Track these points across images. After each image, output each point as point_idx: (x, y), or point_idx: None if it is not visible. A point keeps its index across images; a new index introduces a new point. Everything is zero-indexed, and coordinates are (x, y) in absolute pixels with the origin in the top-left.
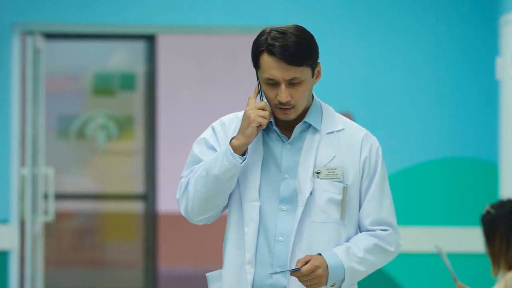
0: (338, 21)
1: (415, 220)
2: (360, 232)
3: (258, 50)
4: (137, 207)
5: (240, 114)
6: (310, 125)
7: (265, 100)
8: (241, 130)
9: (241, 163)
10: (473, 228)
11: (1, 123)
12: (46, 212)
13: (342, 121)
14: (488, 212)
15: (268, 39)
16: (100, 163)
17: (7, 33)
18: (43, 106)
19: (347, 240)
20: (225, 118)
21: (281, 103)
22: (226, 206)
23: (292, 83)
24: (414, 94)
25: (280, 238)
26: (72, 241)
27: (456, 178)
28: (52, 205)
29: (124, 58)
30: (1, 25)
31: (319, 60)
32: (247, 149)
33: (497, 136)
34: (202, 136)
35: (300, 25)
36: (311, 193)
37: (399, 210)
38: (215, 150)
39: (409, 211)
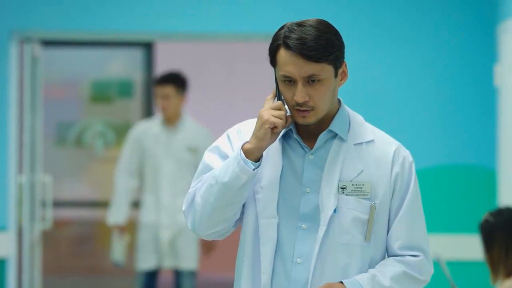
0: (338, 28)
1: None
2: (388, 256)
3: (274, 44)
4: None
5: None
6: (336, 135)
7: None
8: (254, 133)
9: (253, 169)
10: (471, 236)
11: None
12: (43, 220)
13: (372, 132)
14: (486, 220)
15: (286, 32)
16: (98, 170)
17: (4, 40)
18: (41, 113)
19: (372, 265)
20: (242, 125)
21: (298, 104)
22: (240, 221)
23: (310, 81)
24: (412, 101)
25: (298, 260)
26: (70, 249)
27: (455, 185)
28: (50, 213)
29: (122, 65)
30: None
31: (345, 60)
32: (262, 156)
33: (496, 143)
34: (215, 143)
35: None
36: (335, 211)
37: None
38: None
39: None
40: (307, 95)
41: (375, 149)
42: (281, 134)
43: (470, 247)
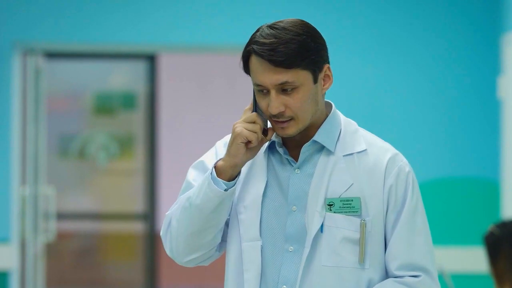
0: (340, 41)
1: None
2: (388, 277)
3: (246, 50)
4: (138, 226)
5: None
6: (324, 146)
7: (259, 113)
8: (227, 149)
9: (226, 190)
10: (475, 248)
11: (2, 142)
12: (47, 232)
13: (366, 140)
14: (491, 232)
15: (257, 36)
16: (101, 182)
17: (8, 52)
18: (44, 125)
19: None
20: (229, 136)
21: (274, 115)
22: (225, 244)
23: (284, 90)
24: (415, 113)
25: (283, 286)
26: (73, 261)
27: (458, 198)
28: (53, 225)
29: (125, 77)
30: (2, 43)
31: (327, 63)
32: (239, 173)
33: (499, 155)
34: (201, 158)
35: (304, 20)
36: (321, 230)
37: None
38: None
39: None
40: (283, 104)
41: (367, 160)
42: (265, 147)
43: (474, 260)
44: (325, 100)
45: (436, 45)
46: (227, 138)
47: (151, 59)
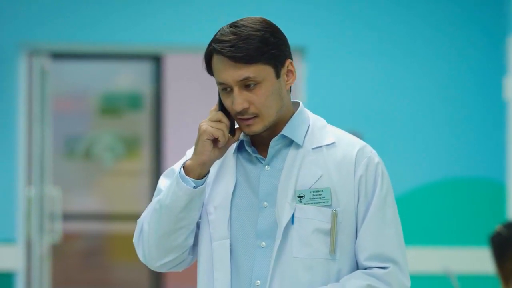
0: (346, 42)
1: (423, 240)
2: (357, 268)
3: (207, 50)
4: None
5: None
6: (292, 141)
7: (225, 113)
8: (194, 147)
9: (194, 187)
10: (481, 249)
11: (8, 143)
12: (52, 232)
13: (334, 134)
14: (498, 233)
15: (217, 35)
16: (107, 183)
17: (13, 53)
18: (50, 126)
19: (339, 279)
20: None
21: (239, 113)
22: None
23: (247, 86)
24: (421, 114)
25: (257, 282)
26: (79, 262)
27: (464, 198)
28: (59, 225)
29: (131, 78)
30: (7, 44)
31: (289, 59)
32: (208, 172)
33: (505, 156)
34: (172, 166)
35: (268, 20)
36: (292, 222)
37: (406, 230)
38: None
39: (416, 231)
40: (246, 101)
41: (336, 152)
42: (234, 147)
43: (480, 260)
44: (294, 100)
45: (442, 46)
46: None
47: (157, 60)
